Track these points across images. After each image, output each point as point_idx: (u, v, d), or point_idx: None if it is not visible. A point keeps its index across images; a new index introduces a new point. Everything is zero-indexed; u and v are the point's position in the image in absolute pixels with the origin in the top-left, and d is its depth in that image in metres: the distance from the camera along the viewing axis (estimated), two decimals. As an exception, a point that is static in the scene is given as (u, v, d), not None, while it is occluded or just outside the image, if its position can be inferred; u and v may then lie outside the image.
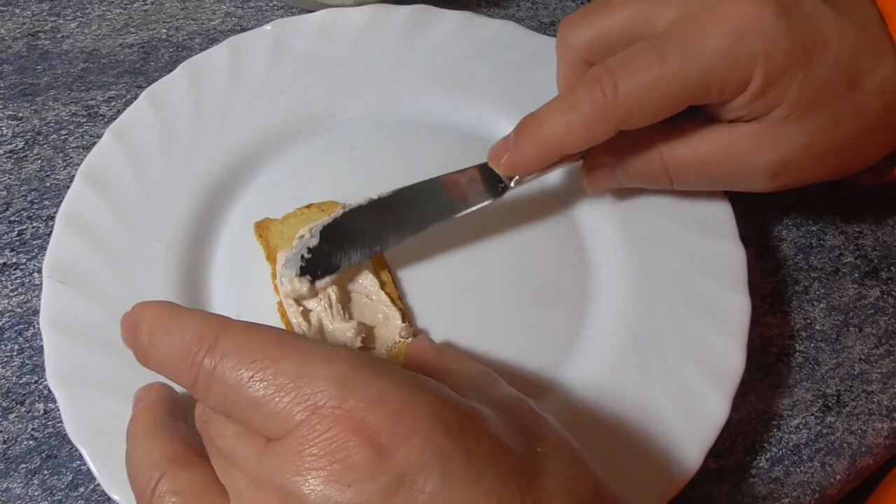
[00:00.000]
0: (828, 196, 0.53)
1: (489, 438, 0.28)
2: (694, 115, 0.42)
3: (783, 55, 0.38)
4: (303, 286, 0.41)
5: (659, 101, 0.39)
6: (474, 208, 0.44)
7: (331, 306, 0.42)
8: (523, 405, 0.32)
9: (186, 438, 0.33)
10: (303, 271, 0.42)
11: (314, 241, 0.42)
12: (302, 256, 0.42)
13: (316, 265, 0.42)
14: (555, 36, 0.52)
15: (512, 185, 0.44)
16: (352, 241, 0.42)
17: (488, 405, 0.31)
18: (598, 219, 0.48)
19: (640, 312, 0.44)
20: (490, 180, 0.44)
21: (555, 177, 0.49)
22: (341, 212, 0.43)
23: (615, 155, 0.44)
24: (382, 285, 0.44)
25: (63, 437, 0.40)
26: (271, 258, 0.44)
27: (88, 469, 0.38)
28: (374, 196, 0.43)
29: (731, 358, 0.42)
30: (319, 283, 0.42)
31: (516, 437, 0.29)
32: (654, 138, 0.43)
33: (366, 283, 0.44)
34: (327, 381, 0.28)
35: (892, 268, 0.51)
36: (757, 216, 0.52)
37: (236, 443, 0.29)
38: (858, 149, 0.42)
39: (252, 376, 0.28)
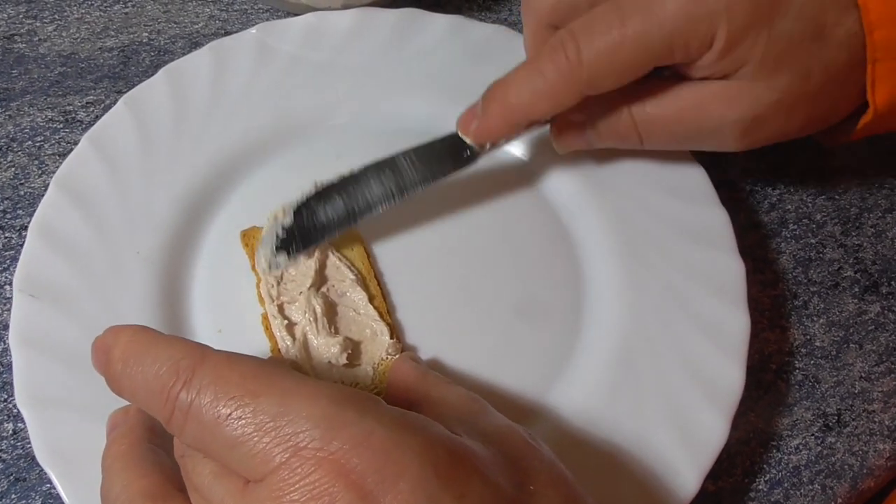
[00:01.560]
0: (827, 208, 0.52)
1: (481, 480, 0.27)
2: (663, 75, 0.42)
3: (745, 12, 0.38)
4: (279, 259, 0.42)
5: (622, 65, 0.39)
6: (446, 178, 0.44)
7: (316, 320, 0.41)
8: (515, 436, 0.31)
9: (165, 470, 0.32)
10: (278, 249, 0.42)
11: (288, 220, 0.42)
12: (276, 235, 0.42)
13: (291, 242, 0.42)
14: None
15: (479, 150, 0.44)
16: (326, 216, 0.43)
17: (478, 438, 0.29)
18: (592, 231, 0.47)
19: (635, 328, 0.43)
20: (460, 149, 0.44)
21: (551, 189, 0.48)
22: (313, 190, 0.43)
23: (584, 113, 0.44)
24: (371, 299, 0.42)
25: (33, 459, 0.39)
26: (256, 268, 0.43)
27: (59, 494, 0.36)
28: (346, 173, 0.43)
29: (730, 376, 0.41)
30: (297, 258, 0.42)
31: (508, 476, 0.28)
32: (624, 97, 0.43)
33: (354, 296, 0.42)
34: (309, 421, 0.26)
35: (892, 282, 0.50)
36: (754, 228, 0.51)
37: (214, 482, 0.28)
38: (826, 103, 0.42)
39: (230, 414, 0.27)
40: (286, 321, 0.41)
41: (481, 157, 0.44)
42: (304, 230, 0.42)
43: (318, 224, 0.42)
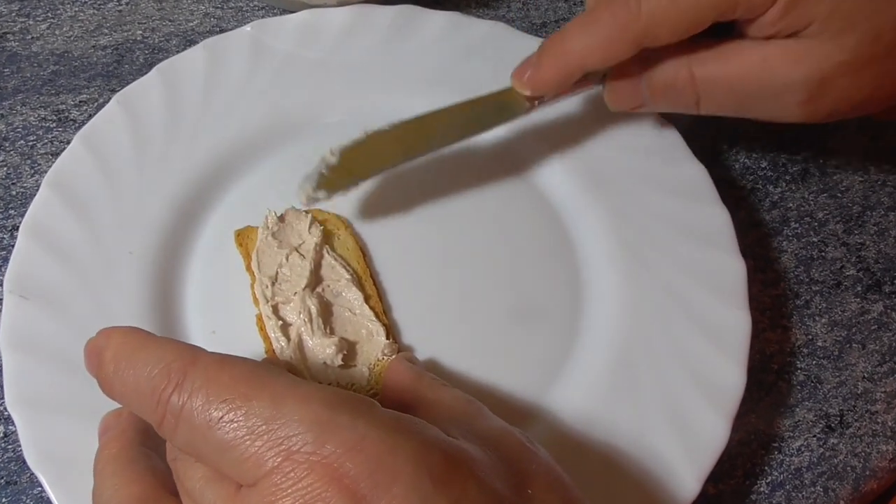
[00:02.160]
0: (829, 206, 0.52)
1: (477, 484, 0.26)
2: (726, 35, 0.41)
3: None
4: (319, 194, 0.41)
5: (681, 15, 0.38)
6: (497, 127, 0.44)
7: (311, 320, 0.40)
8: (511, 438, 0.31)
9: (158, 474, 0.31)
10: (319, 185, 0.41)
11: (334, 160, 0.42)
12: (321, 173, 0.41)
13: (334, 181, 0.42)
14: (545, 38, 0.51)
15: (531, 103, 0.44)
16: (372, 158, 0.43)
17: (474, 441, 0.29)
18: (591, 230, 0.46)
19: (634, 329, 0.42)
20: (512, 103, 0.44)
21: (550, 188, 0.48)
22: (364, 134, 0.43)
23: (641, 65, 0.42)
24: (367, 299, 0.42)
25: (24, 463, 0.38)
26: (251, 268, 0.43)
27: (49, 498, 0.36)
28: (397, 121, 0.43)
29: (730, 377, 0.41)
30: (337, 194, 0.42)
31: (505, 479, 0.28)
32: (684, 50, 0.41)
33: (349, 296, 0.42)
34: (302, 424, 0.26)
35: (895, 281, 0.49)
36: (755, 226, 0.50)
37: (205, 487, 0.28)
38: None
39: (221, 417, 0.26)
40: (281, 322, 0.41)
41: (534, 111, 0.44)
42: (347, 171, 0.42)
43: (363, 167, 0.42)
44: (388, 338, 0.41)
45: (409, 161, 0.43)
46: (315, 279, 0.42)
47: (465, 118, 0.44)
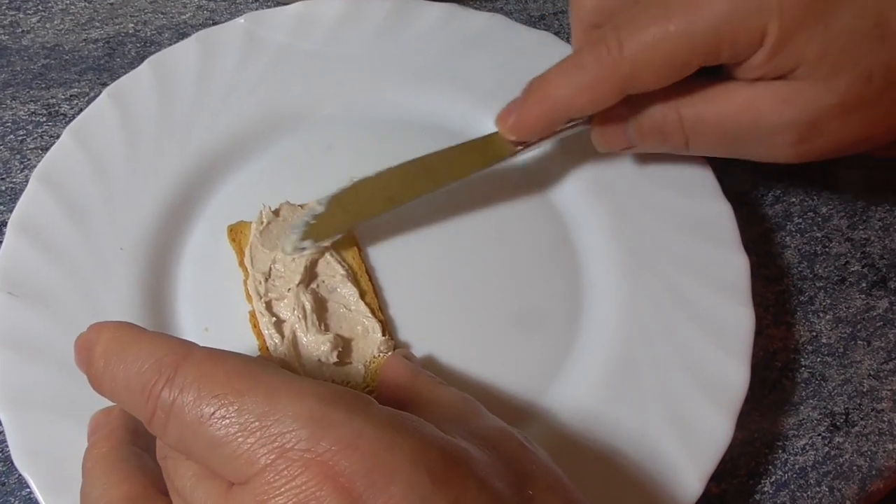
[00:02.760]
0: (833, 201, 0.51)
1: (477, 484, 0.26)
2: (714, 77, 0.40)
3: (799, 5, 0.36)
4: (305, 244, 0.41)
5: (665, 61, 0.37)
6: (484, 171, 0.43)
7: (305, 317, 0.40)
8: (510, 439, 0.30)
9: (148, 473, 0.31)
10: (305, 235, 0.41)
11: (321, 209, 0.42)
12: (307, 223, 0.41)
13: (320, 229, 0.42)
14: (545, 30, 0.50)
15: (517, 147, 0.43)
16: (358, 206, 0.42)
17: (472, 440, 0.28)
18: (591, 226, 0.46)
19: (635, 325, 0.42)
20: (497, 147, 0.44)
21: (549, 183, 0.47)
22: (350, 182, 0.42)
23: (629, 107, 0.42)
24: (362, 295, 0.41)
25: (11, 463, 0.37)
26: (244, 264, 0.42)
27: (37, 499, 0.35)
28: (383, 168, 0.43)
29: (734, 374, 0.40)
30: (323, 243, 0.42)
31: (505, 479, 0.27)
32: (672, 93, 0.40)
33: (344, 292, 0.41)
34: (296, 421, 0.25)
35: (900, 277, 0.49)
36: (758, 222, 0.50)
37: (196, 485, 0.27)
38: (889, 111, 0.39)
39: (213, 413, 0.26)
40: (275, 318, 0.40)
41: (520, 155, 0.44)
42: (334, 219, 0.42)
43: (348, 214, 0.42)
44: (384, 334, 0.40)
45: (395, 208, 0.43)
46: (309, 275, 0.41)
47: (452, 163, 0.43)
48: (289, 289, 0.41)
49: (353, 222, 0.43)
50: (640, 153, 0.46)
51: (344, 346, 0.40)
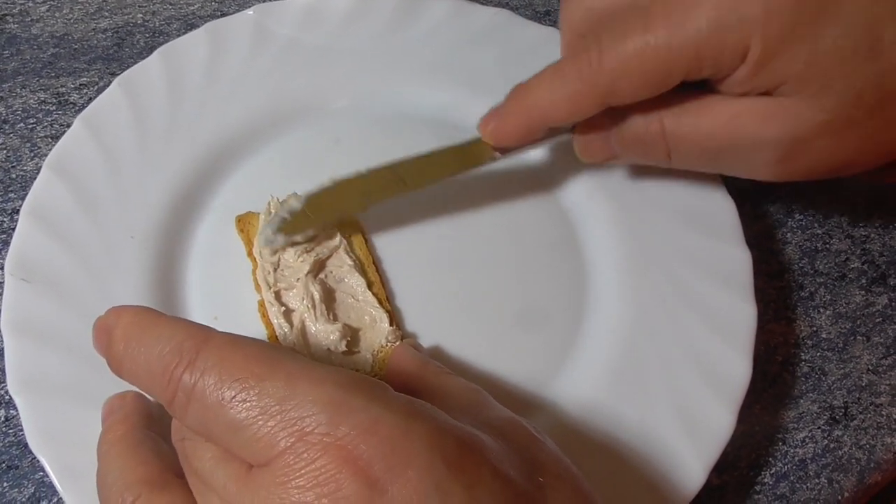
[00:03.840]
0: (834, 198, 0.51)
1: (491, 470, 0.26)
2: (699, 91, 0.39)
3: (784, 21, 0.34)
4: (278, 237, 0.41)
5: (645, 74, 0.36)
6: (458, 175, 0.43)
7: (314, 307, 0.40)
8: (520, 428, 0.30)
9: (163, 457, 0.31)
10: (278, 229, 0.41)
11: (298, 205, 0.41)
12: (283, 218, 0.41)
13: (294, 225, 0.41)
14: (550, 25, 0.51)
15: (497, 153, 0.43)
16: (335, 204, 0.42)
17: (483, 429, 0.28)
18: (595, 219, 0.46)
19: (639, 319, 0.42)
20: (478, 152, 0.43)
21: (552, 177, 0.47)
22: (331, 182, 0.42)
23: (611, 117, 0.41)
24: (370, 285, 0.42)
25: (25, 447, 0.38)
26: (252, 254, 0.42)
27: (52, 482, 0.35)
28: (363, 169, 0.42)
29: (736, 368, 0.40)
30: (295, 237, 0.41)
31: (517, 467, 0.27)
32: (655, 105, 0.39)
33: (352, 282, 0.42)
34: (316, 405, 0.25)
35: (899, 273, 0.49)
36: (760, 218, 0.50)
37: (215, 467, 0.27)
38: (881, 131, 0.37)
39: (234, 396, 0.26)
40: (283, 308, 0.40)
41: (500, 161, 0.43)
42: (306, 216, 0.41)
43: (325, 212, 0.42)
44: (391, 325, 0.40)
45: (372, 206, 0.43)
46: (317, 265, 0.42)
47: (432, 165, 0.43)
48: (297, 279, 0.41)
49: (326, 220, 0.42)
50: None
51: (352, 336, 0.40)
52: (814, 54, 0.35)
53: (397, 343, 0.40)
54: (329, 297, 0.41)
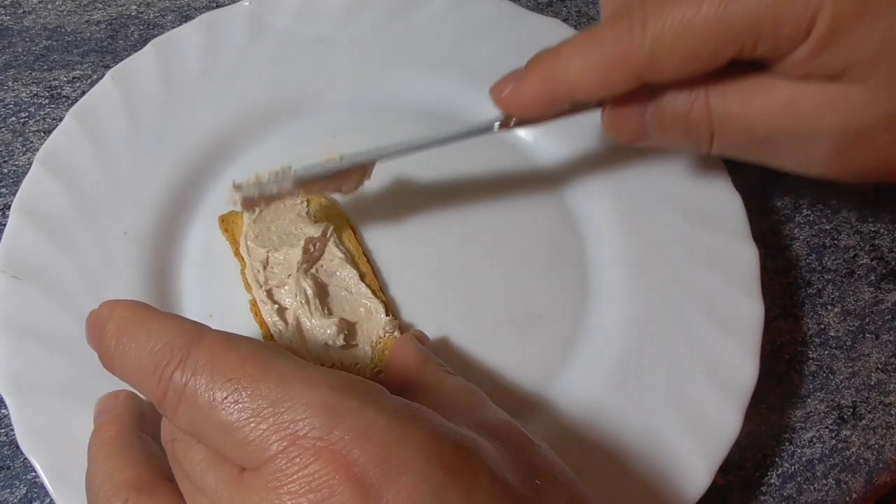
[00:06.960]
0: (842, 193, 0.51)
1: (488, 475, 0.26)
2: (749, 70, 0.35)
3: None
4: (236, 197, 0.37)
5: (692, 47, 0.33)
6: (464, 140, 0.39)
7: (308, 302, 0.40)
8: (515, 431, 0.30)
9: (154, 459, 0.31)
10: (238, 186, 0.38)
11: (288, 185, 0.38)
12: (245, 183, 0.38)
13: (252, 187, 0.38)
14: (553, 16, 0.50)
15: (506, 123, 0.38)
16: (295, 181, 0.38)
17: (479, 431, 0.28)
18: (598, 214, 0.45)
19: (644, 316, 0.42)
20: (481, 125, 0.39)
21: (554, 168, 0.46)
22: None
23: (650, 91, 0.36)
24: (362, 277, 0.41)
25: (17, 447, 0.37)
26: (239, 254, 0.42)
27: (43, 482, 0.35)
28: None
29: (742, 366, 0.40)
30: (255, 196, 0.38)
31: (514, 471, 0.27)
32: (702, 80, 0.35)
33: (344, 275, 0.41)
34: (309, 408, 0.25)
35: (909, 270, 0.48)
36: (767, 213, 0.49)
37: (206, 469, 0.27)
38: None
39: (226, 397, 0.25)
40: (276, 306, 0.40)
41: (505, 132, 0.39)
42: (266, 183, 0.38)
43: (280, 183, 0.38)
44: (387, 315, 0.40)
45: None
46: (308, 260, 0.41)
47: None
48: (289, 275, 0.40)
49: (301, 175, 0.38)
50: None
51: (349, 329, 0.39)
52: (891, 34, 0.31)
53: (396, 333, 0.39)
54: (322, 291, 0.41)
